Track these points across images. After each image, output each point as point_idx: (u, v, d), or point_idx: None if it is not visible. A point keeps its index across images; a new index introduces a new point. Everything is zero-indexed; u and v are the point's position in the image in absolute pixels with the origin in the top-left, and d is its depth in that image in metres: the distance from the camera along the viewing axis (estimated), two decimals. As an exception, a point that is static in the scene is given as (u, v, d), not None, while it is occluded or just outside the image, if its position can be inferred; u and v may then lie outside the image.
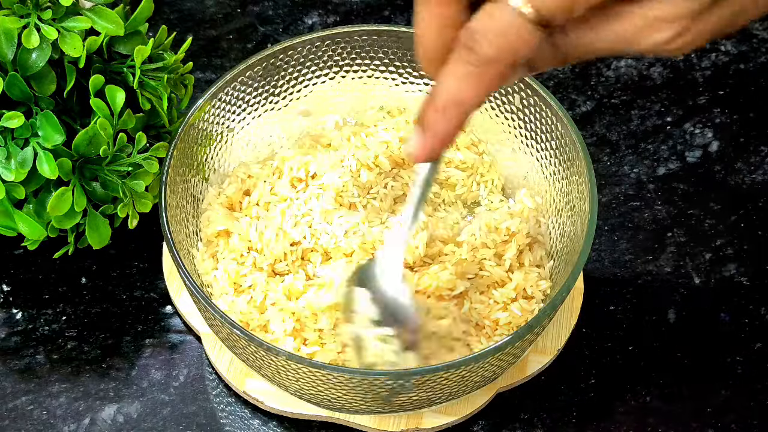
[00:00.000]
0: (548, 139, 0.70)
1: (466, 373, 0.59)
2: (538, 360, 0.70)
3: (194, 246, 0.69)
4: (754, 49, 0.90)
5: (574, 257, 0.63)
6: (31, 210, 0.68)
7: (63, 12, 0.66)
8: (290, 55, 0.73)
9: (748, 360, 0.72)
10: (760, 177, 0.82)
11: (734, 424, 0.69)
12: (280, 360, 0.58)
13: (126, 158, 0.67)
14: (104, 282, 0.75)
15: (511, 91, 0.71)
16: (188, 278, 0.61)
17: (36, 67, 0.65)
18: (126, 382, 0.70)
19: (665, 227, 0.79)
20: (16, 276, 0.75)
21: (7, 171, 0.65)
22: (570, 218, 0.68)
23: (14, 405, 0.69)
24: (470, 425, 0.68)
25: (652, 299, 0.75)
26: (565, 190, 0.69)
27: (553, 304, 0.60)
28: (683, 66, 0.89)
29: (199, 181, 0.71)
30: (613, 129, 0.85)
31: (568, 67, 0.88)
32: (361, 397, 0.61)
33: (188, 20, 0.92)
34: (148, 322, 0.73)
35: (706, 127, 0.85)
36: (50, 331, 0.72)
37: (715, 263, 0.77)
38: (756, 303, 0.75)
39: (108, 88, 0.66)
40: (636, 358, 0.72)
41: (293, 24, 0.92)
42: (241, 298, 0.66)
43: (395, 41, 0.73)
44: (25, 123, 0.65)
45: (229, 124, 0.73)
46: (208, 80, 0.87)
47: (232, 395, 0.70)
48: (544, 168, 0.71)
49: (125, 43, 0.70)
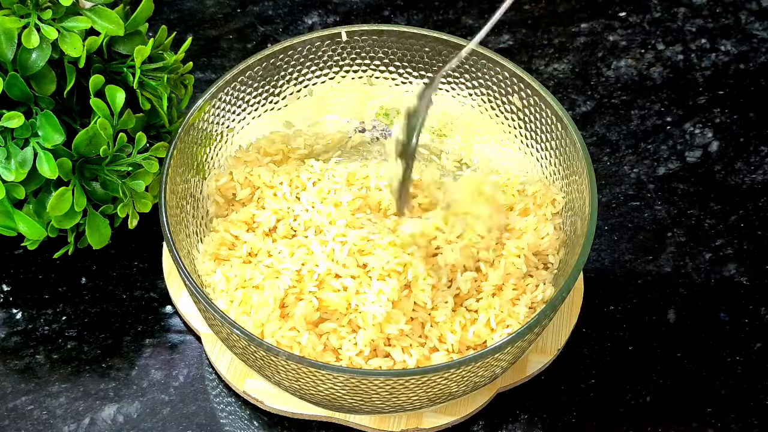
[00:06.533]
0: (548, 139, 0.70)
1: (466, 373, 0.59)
2: (538, 360, 0.70)
3: (194, 246, 0.69)
4: (754, 49, 0.90)
5: (574, 257, 0.63)
6: (31, 210, 0.68)
7: (63, 12, 0.66)
8: (290, 55, 0.73)
9: (748, 360, 0.72)
10: (760, 177, 0.82)
11: (734, 424, 0.69)
12: (280, 360, 0.58)
13: (126, 158, 0.67)
14: (104, 282, 0.75)
15: (511, 92, 0.71)
16: (188, 278, 0.61)
17: (36, 67, 0.65)
18: (126, 382, 0.70)
19: (665, 227, 0.79)
20: (16, 276, 0.75)
21: (7, 171, 0.65)
22: (570, 218, 0.68)
23: (14, 405, 0.69)
24: (470, 425, 0.68)
25: (652, 299, 0.75)
26: (565, 190, 0.69)
27: (553, 304, 0.60)
28: (683, 66, 0.89)
29: (199, 181, 0.71)
30: (613, 129, 0.85)
31: (568, 67, 0.89)
32: (361, 397, 0.61)
33: (188, 20, 0.92)
34: (148, 322, 0.73)
35: (706, 127, 0.85)
36: (50, 331, 0.72)
37: (715, 263, 0.77)
38: (756, 303, 0.75)
39: (108, 88, 0.66)
40: (636, 358, 0.72)
41: (293, 24, 0.92)
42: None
43: (395, 41, 0.73)
44: (25, 123, 0.65)
45: (229, 124, 0.73)
46: (208, 80, 0.87)
47: (232, 395, 0.70)
48: (544, 168, 0.71)
49: (125, 43, 0.70)
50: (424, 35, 0.73)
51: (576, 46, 0.90)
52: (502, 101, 0.72)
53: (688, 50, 0.90)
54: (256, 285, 0.65)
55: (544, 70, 0.88)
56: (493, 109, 0.74)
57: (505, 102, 0.72)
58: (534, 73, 0.88)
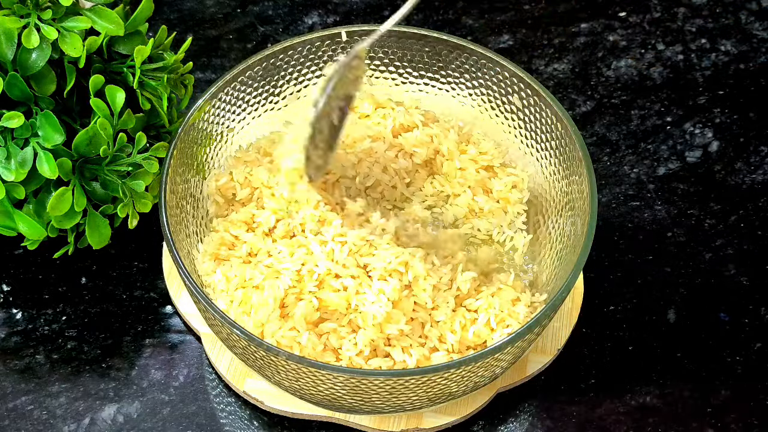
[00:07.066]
0: (548, 139, 0.70)
1: (466, 373, 0.59)
2: (538, 360, 0.70)
3: (194, 246, 0.69)
4: (754, 49, 0.90)
5: (574, 257, 0.63)
6: (31, 210, 0.68)
7: (63, 12, 0.66)
8: (290, 55, 0.73)
9: (748, 360, 0.72)
10: (760, 177, 0.82)
11: (734, 424, 0.69)
12: (280, 360, 0.58)
13: (126, 158, 0.67)
14: (104, 282, 0.75)
15: (511, 92, 0.71)
16: (188, 278, 0.61)
17: (36, 67, 0.65)
18: (126, 382, 0.70)
19: (665, 227, 0.79)
20: (16, 276, 0.75)
21: (7, 171, 0.65)
22: (570, 218, 0.68)
23: (14, 405, 0.69)
24: (470, 425, 0.68)
25: (652, 299, 0.75)
26: (565, 190, 0.69)
27: (553, 304, 0.60)
28: (683, 66, 0.89)
29: (199, 181, 0.71)
30: (613, 129, 0.85)
31: (568, 67, 0.89)
32: (361, 397, 0.61)
33: (188, 20, 0.92)
34: (148, 322, 0.73)
35: (706, 127, 0.85)
36: (50, 331, 0.72)
37: (715, 263, 0.77)
38: (756, 303, 0.75)
39: (108, 88, 0.66)
40: (636, 358, 0.72)
41: (293, 24, 0.92)
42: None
43: (395, 41, 0.73)
44: (25, 123, 0.65)
45: (229, 124, 0.73)
46: (208, 80, 0.87)
47: (232, 395, 0.70)
48: (544, 168, 0.71)
49: (125, 43, 0.70)
50: (424, 35, 0.73)
51: (576, 46, 0.90)
52: (502, 101, 0.72)
53: (688, 50, 0.90)
54: (256, 285, 0.65)
55: (544, 70, 0.88)
56: (493, 109, 0.74)
57: (505, 102, 0.72)
58: (534, 73, 0.88)
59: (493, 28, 0.92)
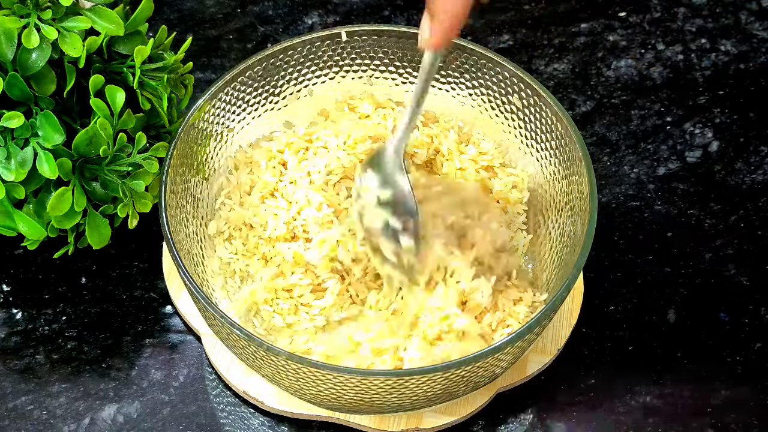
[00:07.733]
0: (548, 139, 0.70)
1: (466, 373, 0.59)
2: (538, 360, 0.70)
3: (194, 246, 0.69)
4: (754, 49, 0.90)
5: (574, 257, 0.63)
6: (31, 210, 0.68)
7: (63, 12, 0.66)
8: (290, 55, 0.73)
9: (748, 360, 0.72)
10: (760, 177, 0.82)
11: (734, 424, 0.69)
12: (280, 360, 0.58)
13: (126, 158, 0.67)
14: (104, 282, 0.75)
15: (511, 92, 0.71)
16: (188, 278, 0.61)
17: (36, 67, 0.65)
18: (126, 382, 0.70)
19: (665, 227, 0.79)
20: (16, 276, 0.75)
21: (7, 171, 0.65)
22: (570, 218, 0.68)
23: (14, 405, 0.69)
24: (470, 425, 0.68)
25: (652, 299, 0.75)
26: (565, 190, 0.69)
27: (553, 304, 0.60)
28: (683, 66, 0.89)
29: (199, 181, 0.71)
30: (613, 129, 0.85)
31: (568, 67, 0.89)
32: (361, 397, 0.61)
33: (188, 20, 0.92)
34: (148, 322, 0.73)
35: (706, 127, 0.85)
36: (50, 331, 0.72)
37: (715, 263, 0.77)
38: (756, 303, 0.75)
39: (108, 88, 0.66)
40: (636, 358, 0.72)
41: (293, 24, 0.92)
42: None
43: (395, 41, 0.73)
44: (25, 123, 0.65)
45: (229, 124, 0.73)
46: (208, 80, 0.87)
47: (232, 395, 0.70)
48: (544, 168, 0.71)
49: (125, 43, 0.70)
50: (424, 35, 0.73)
51: (576, 46, 0.90)
52: (502, 101, 0.72)
53: (688, 50, 0.90)
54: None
55: (544, 70, 0.88)
56: (493, 109, 0.74)
57: (505, 102, 0.72)
58: (534, 73, 0.88)
59: (493, 28, 0.92)
